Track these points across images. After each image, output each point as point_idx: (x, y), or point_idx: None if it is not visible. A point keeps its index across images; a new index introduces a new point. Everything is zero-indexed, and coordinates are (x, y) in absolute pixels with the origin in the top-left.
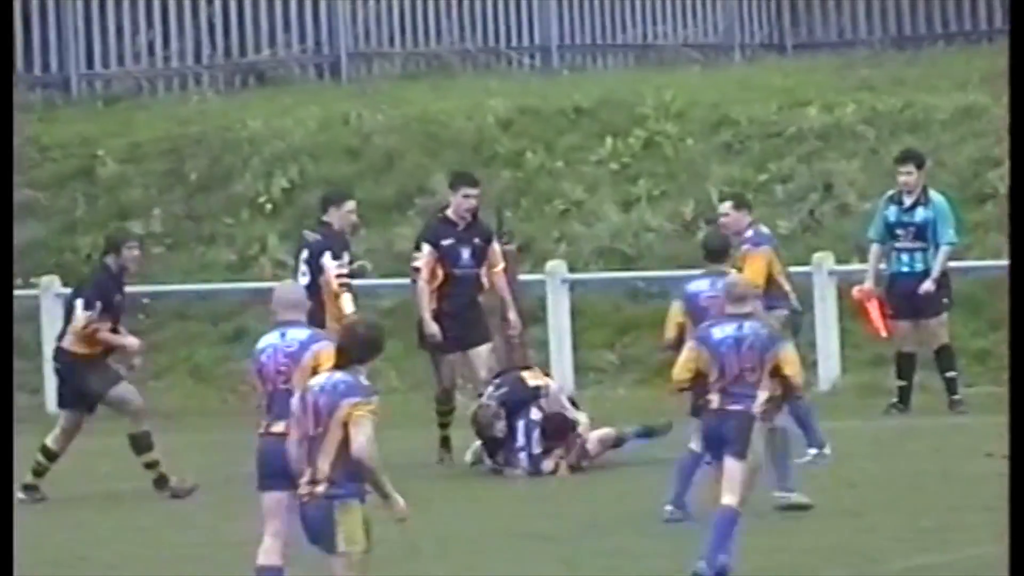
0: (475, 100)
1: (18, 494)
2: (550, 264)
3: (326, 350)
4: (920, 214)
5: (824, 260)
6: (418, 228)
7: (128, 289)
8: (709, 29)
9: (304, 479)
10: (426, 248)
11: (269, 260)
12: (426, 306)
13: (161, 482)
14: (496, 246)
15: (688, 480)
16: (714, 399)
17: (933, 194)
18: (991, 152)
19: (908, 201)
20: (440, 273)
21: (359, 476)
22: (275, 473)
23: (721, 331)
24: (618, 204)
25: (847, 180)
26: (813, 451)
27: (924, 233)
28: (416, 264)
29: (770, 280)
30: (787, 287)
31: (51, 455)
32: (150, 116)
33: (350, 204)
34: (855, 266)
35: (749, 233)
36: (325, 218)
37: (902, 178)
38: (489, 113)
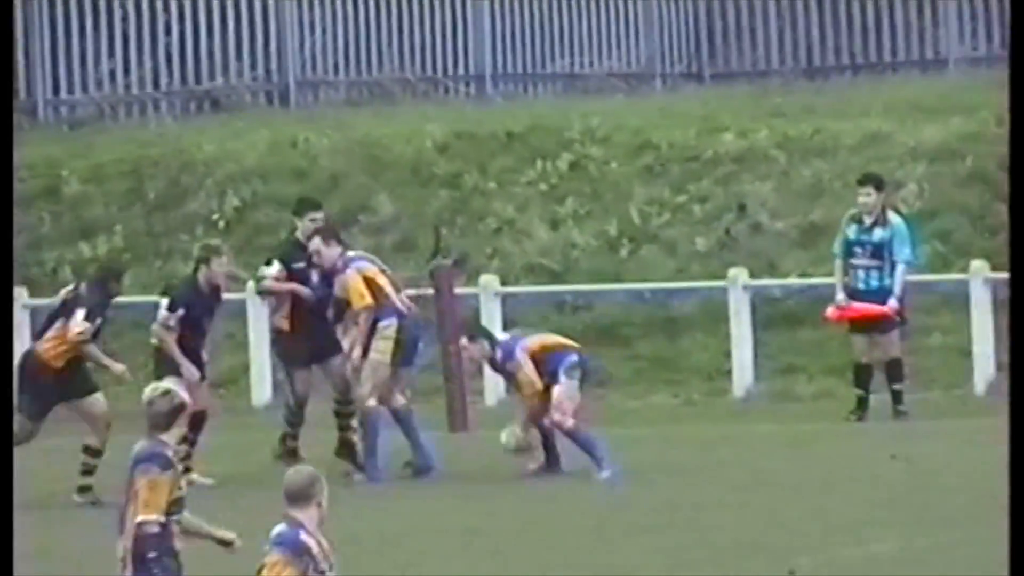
0: (414, 125)
1: (74, 497)
2: (483, 278)
3: None
4: (878, 234)
5: (739, 275)
6: (361, 245)
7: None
8: (632, 60)
9: None
10: (276, 266)
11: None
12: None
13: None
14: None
15: None
16: None
17: (891, 215)
18: (895, 175)
19: (868, 221)
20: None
21: None
22: None
23: None
24: (546, 223)
25: (760, 201)
26: None
27: (881, 252)
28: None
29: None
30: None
31: (95, 451)
32: (111, 139)
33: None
34: (767, 281)
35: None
36: None
37: (861, 199)
38: (427, 137)
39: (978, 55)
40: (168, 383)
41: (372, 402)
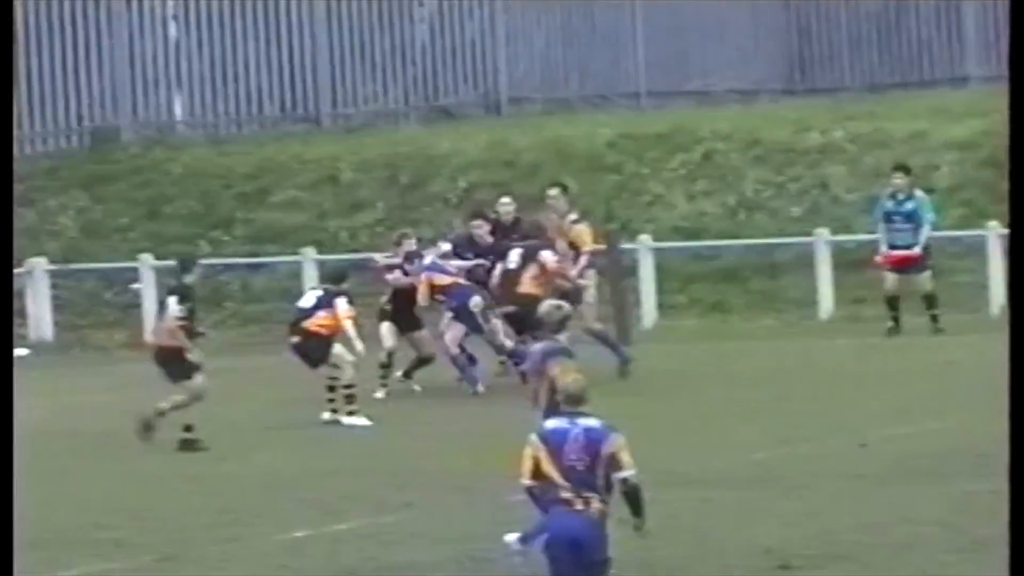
0: (590, 128)
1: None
2: (641, 237)
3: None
4: (909, 205)
5: (823, 233)
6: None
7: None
8: (745, 80)
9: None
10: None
11: None
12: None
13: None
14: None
15: None
16: None
17: (917, 192)
18: (932, 160)
19: (900, 196)
20: None
21: None
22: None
23: None
24: (685, 197)
25: (836, 180)
26: None
27: (912, 217)
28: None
29: None
30: None
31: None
32: (375, 140)
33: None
34: (842, 237)
35: None
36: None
37: (896, 181)
38: (600, 137)
39: (991, 74)
40: (558, 302)
41: (599, 325)
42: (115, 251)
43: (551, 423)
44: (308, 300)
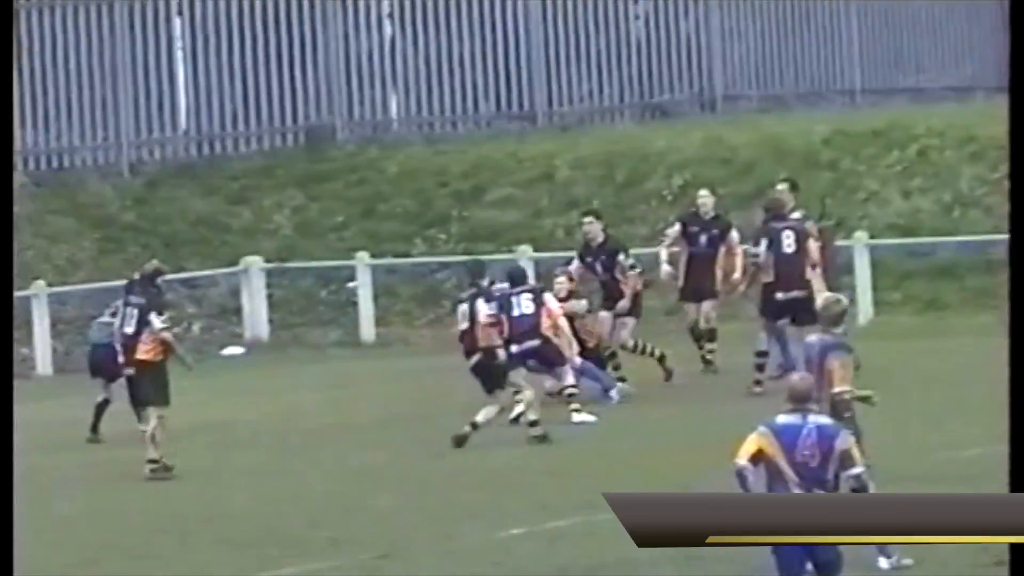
0: (805, 126)
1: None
2: (856, 234)
3: None
4: None
5: None
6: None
7: None
8: (959, 78)
9: None
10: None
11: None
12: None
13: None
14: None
15: None
16: None
17: None
18: None
19: None
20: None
21: None
22: None
23: None
24: (900, 193)
25: None
26: None
27: None
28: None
29: None
30: None
31: None
32: (591, 139)
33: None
34: None
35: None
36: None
37: None
38: (814, 134)
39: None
40: (836, 296)
41: None
42: (330, 249)
43: (782, 419)
44: (526, 306)
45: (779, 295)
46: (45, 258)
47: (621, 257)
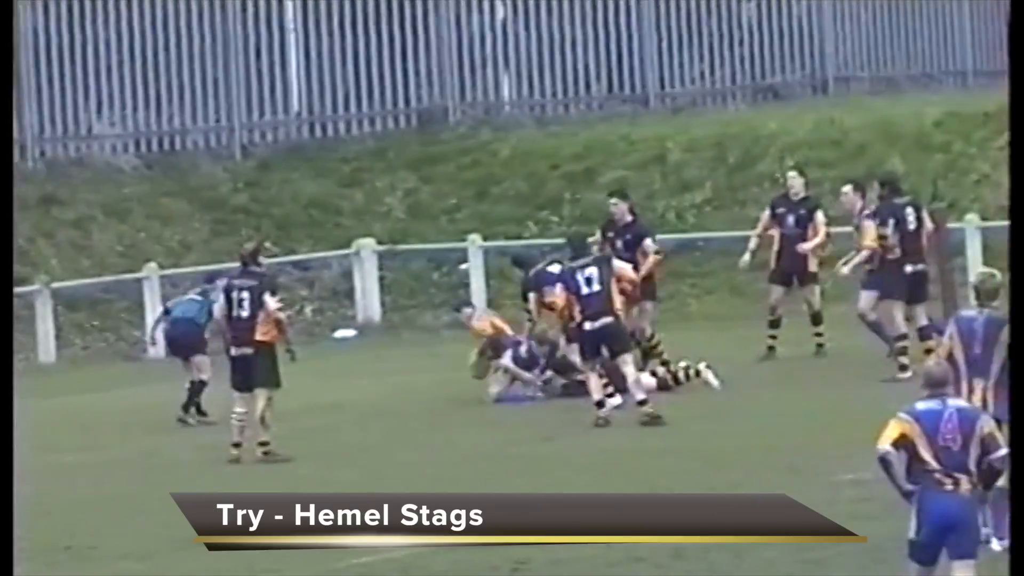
0: (917, 108)
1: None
2: (968, 216)
3: None
4: None
5: None
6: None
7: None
8: None
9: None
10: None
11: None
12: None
13: None
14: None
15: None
16: None
17: None
18: None
19: None
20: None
21: None
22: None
23: None
24: None
25: None
26: None
27: None
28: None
29: None
30: None
31: None
32: (703, 121)
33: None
34: None
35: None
36: None
37: None
38: (926, 116)
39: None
40: (991, 270)
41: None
42: (443, 232)
43: (922, 405)
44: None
45: (908, 268)
46: (157, 240)
47: (648, 242)
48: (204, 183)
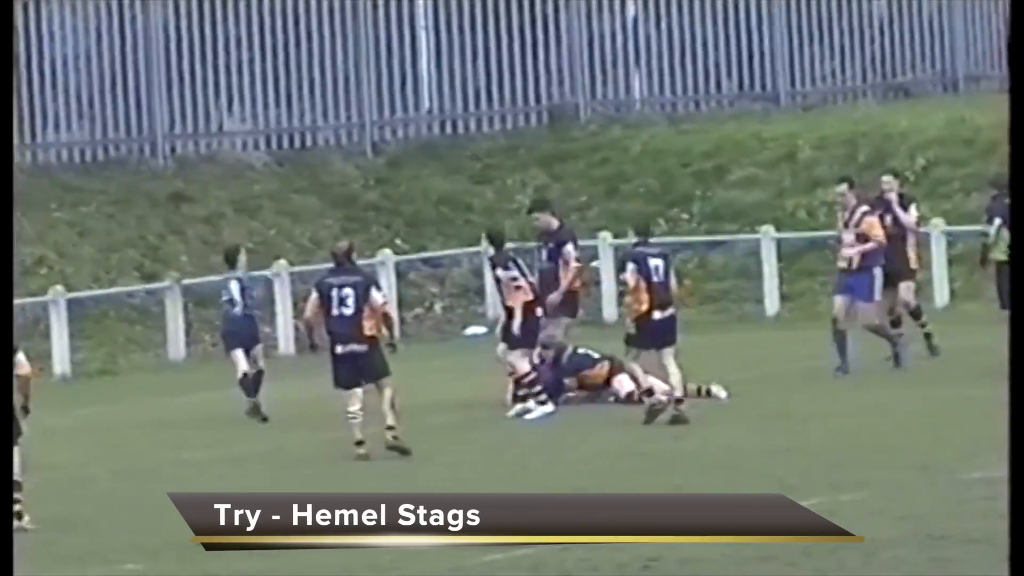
0: None
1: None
2: None
3: None
4: None
5: None
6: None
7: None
8: None
9: None
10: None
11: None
12: None
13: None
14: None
15: None
16: None
17: None
18: None
19: None
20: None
21: None
22: None
23: None
24: None
25: None
26: None
27: None
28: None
29: None
30: None
31: None
32: (833, 119)
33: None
34: None
35: None
36: None
37: None
38: None
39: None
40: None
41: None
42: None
43: None
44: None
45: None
46: (288, 237)
47: (568, 248)
48: (335, 180)
